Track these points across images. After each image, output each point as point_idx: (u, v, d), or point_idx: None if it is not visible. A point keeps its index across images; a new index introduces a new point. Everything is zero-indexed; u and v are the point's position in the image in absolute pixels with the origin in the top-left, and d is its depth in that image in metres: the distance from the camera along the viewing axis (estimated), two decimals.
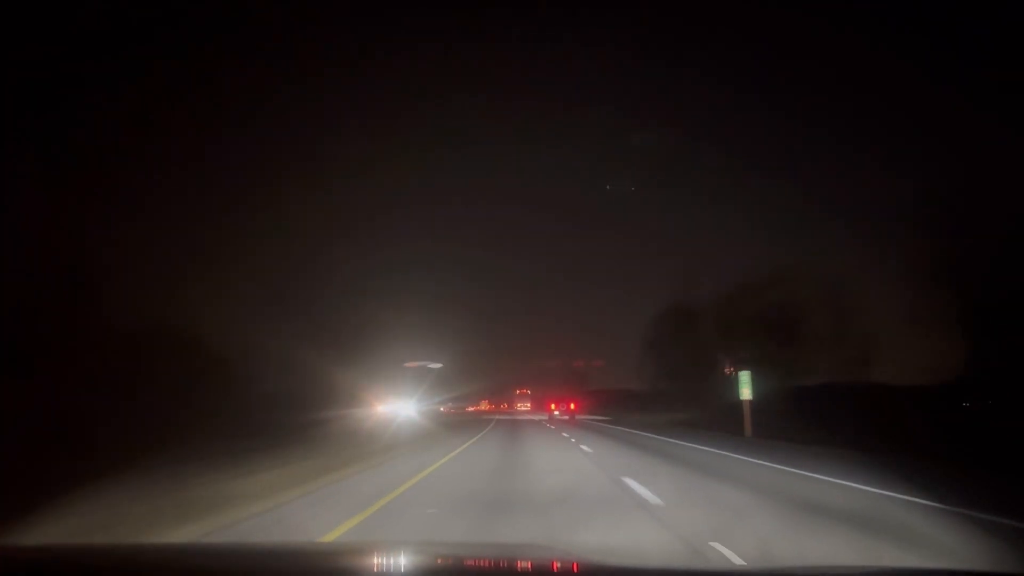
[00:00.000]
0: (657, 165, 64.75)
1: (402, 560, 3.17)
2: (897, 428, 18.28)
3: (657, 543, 6.16)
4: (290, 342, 29.87)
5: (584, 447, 18.67)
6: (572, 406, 64.18)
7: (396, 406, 40.81)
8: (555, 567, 3.05)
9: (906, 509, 8.30)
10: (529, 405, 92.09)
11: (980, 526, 7.16)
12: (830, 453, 16.43)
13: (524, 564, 3.11)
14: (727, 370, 37.46)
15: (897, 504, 8.68)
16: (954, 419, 20.70)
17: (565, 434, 26.59)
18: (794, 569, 4.00)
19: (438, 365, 55.50)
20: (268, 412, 24.70)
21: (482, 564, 3.12)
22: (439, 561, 3.19)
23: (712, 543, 5.99)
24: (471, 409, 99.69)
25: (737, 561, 5.48)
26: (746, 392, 26.12)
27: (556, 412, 65.95)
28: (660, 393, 50.03)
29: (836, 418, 21.63)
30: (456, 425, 40.11)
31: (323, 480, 10.97)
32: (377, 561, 3.17)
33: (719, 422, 30.47)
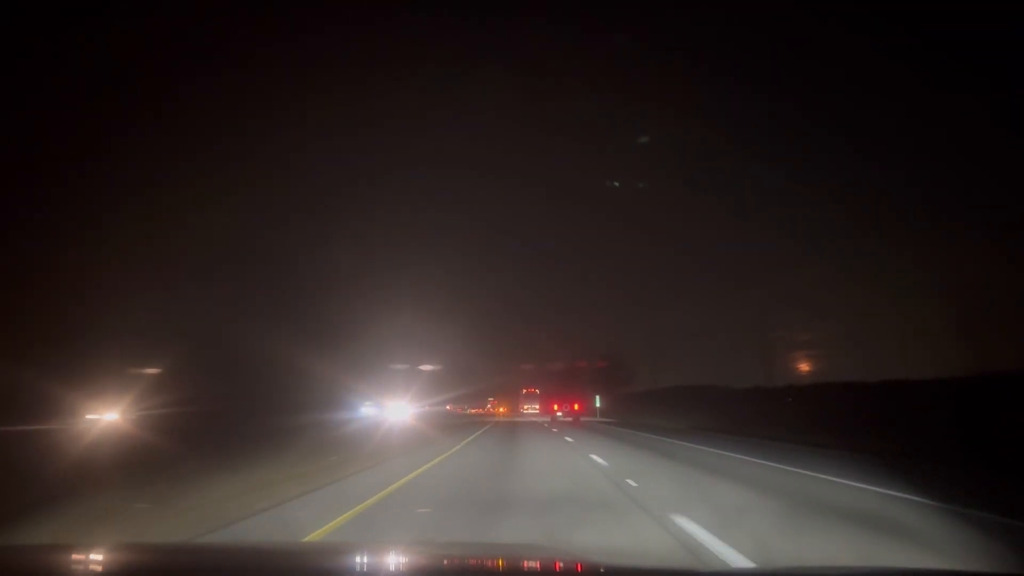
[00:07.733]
0: (664, 162, 63.79)
1: (404, 559, 3.14)
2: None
3: None
4: (288, 343, 30.20)
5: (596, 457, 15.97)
6: (576, 407, 63.56)
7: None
8: (557, 567, 3.02)
9: None
10: (538, 407, 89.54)
11: None
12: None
13: (531, 564, 3.08)
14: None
15: None
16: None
17: (569, 439, 25.37)
18: (793, 569, 3.97)
19: (436, 366, 55.28)
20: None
21: (486, 564, 3.09)
22: (445, 562, 3.17)
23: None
24: (473, 411, 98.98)
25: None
26: None
27: (559, 413, 65.44)
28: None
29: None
30: (451, 427, 39.84)
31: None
32: (380, 560, 3.14)
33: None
